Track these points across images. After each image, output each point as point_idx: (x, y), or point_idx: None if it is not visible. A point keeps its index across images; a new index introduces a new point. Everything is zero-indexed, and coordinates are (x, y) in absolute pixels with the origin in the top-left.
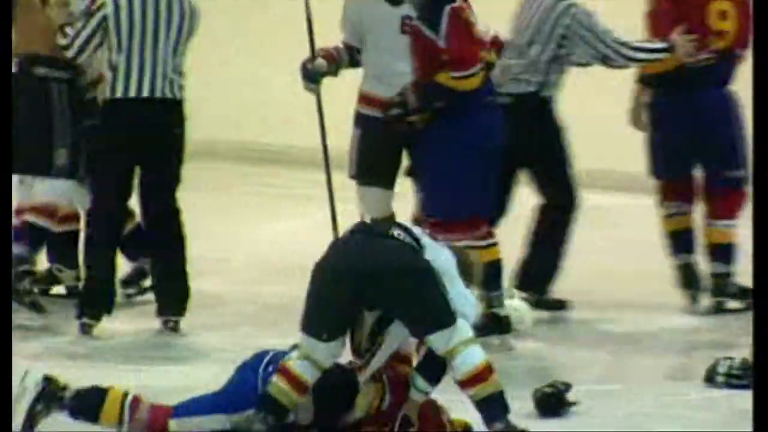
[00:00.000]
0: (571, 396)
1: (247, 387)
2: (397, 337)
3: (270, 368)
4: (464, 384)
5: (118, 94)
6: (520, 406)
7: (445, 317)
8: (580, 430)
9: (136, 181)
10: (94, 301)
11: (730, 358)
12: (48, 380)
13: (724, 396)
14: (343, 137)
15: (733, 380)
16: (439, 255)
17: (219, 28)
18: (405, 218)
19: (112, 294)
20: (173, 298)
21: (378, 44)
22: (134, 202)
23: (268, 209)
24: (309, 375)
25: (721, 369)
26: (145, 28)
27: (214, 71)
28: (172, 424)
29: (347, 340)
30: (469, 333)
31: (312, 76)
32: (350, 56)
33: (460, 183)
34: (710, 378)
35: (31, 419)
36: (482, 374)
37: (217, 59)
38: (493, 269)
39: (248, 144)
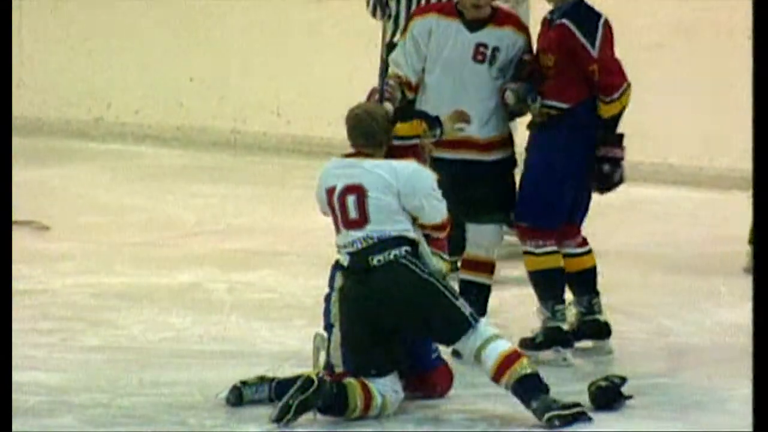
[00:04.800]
0: (626, 389)
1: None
2: None
3: None
4: (495, 377)
5: None
6: (576, 401)
7: (460, 324)
8: (635, 423)
9: None
10: None
11: None
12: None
13: None
14: None
15: None
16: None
17: (271, 18)
18: None
19: None
20: None
21: (446, 70)
22: None
23: None
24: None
25: None
26: None
27: (264, 63)
28: None
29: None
30: (490, 331)
31: None
32: (401, 92)
33: (557, 196)
34: None
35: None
36: (507, 362)
37: (267, 51)
38: (590, 275)
39: (299, 137)
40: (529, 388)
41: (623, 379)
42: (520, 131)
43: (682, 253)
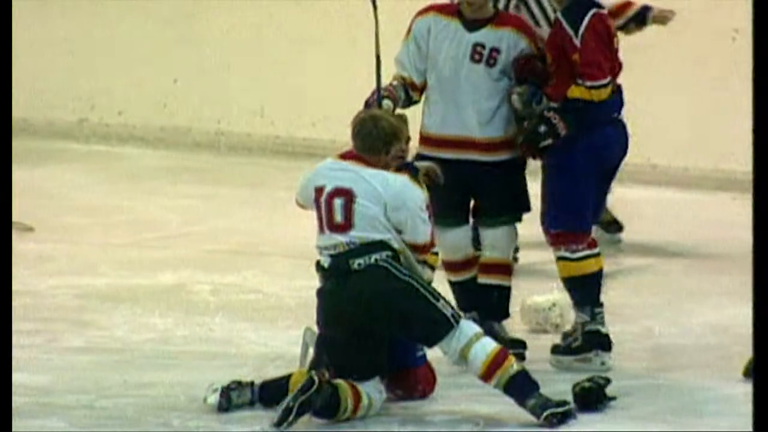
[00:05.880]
0: (610, 390)
1: None
2: None
3: None
4: (485, 377)
5: None
6: (564, 399)
7: (441, 325)
8: (619, 424)
9: None
10: None
11: None
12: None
13: None
14: None
15: None
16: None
17: (255, 19)
18: None
19: None
20: None
21: (444, 69)
22: None
23: None
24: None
25: None
26: None
27: (248, 64)
28: None
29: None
30: (474, 330)
31: None
32: (405, 93)
33: (581, 197)
34: (750, 372)
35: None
36: (497, 361)
37: (250, 52)
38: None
39: (283, 138)
40: (523, 387)
41: (607, 380)
42: None
43: (666, 253)
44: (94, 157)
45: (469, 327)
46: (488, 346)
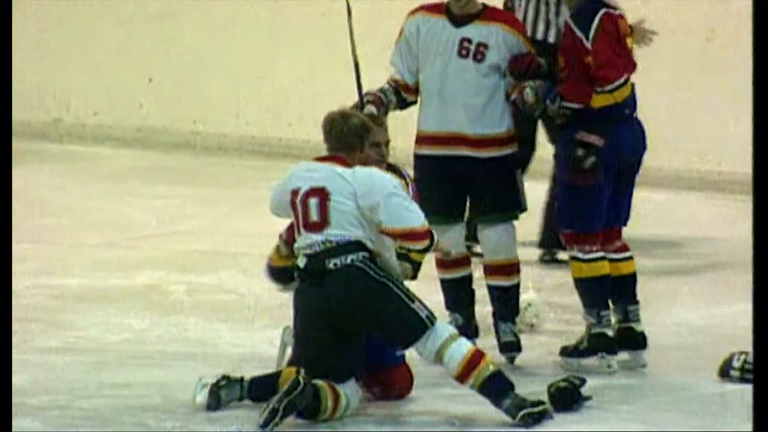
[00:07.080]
0: (586, 390)
1: None
2: None
3: None
4: (461, 378)
5: None
6: (540, 399)
7: (416, 327)
8: (594, 424)
9: None
10: None
11: (745, 353)
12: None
13: (738, 390)
14: None
15: (747, 374)
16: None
17: (231, 20)
18: None
19: None
20: None
21: (433, 66)
22: None
23: None
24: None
25: (736, 363)
26: None
27: (223, 64)
28: None
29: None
30: (449, 331)
31: None
32: (397, 95)
33: (592, 198)
34: (725, 372)
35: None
36: (473, 362)
37: (226, 52)
38: (629, 282)
39: (258, 139)
40: (498, 388)
41: (582, 380)
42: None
43: (641, 253)
44: (69, 158)
45: (444, 328)
46: (464, 346)
